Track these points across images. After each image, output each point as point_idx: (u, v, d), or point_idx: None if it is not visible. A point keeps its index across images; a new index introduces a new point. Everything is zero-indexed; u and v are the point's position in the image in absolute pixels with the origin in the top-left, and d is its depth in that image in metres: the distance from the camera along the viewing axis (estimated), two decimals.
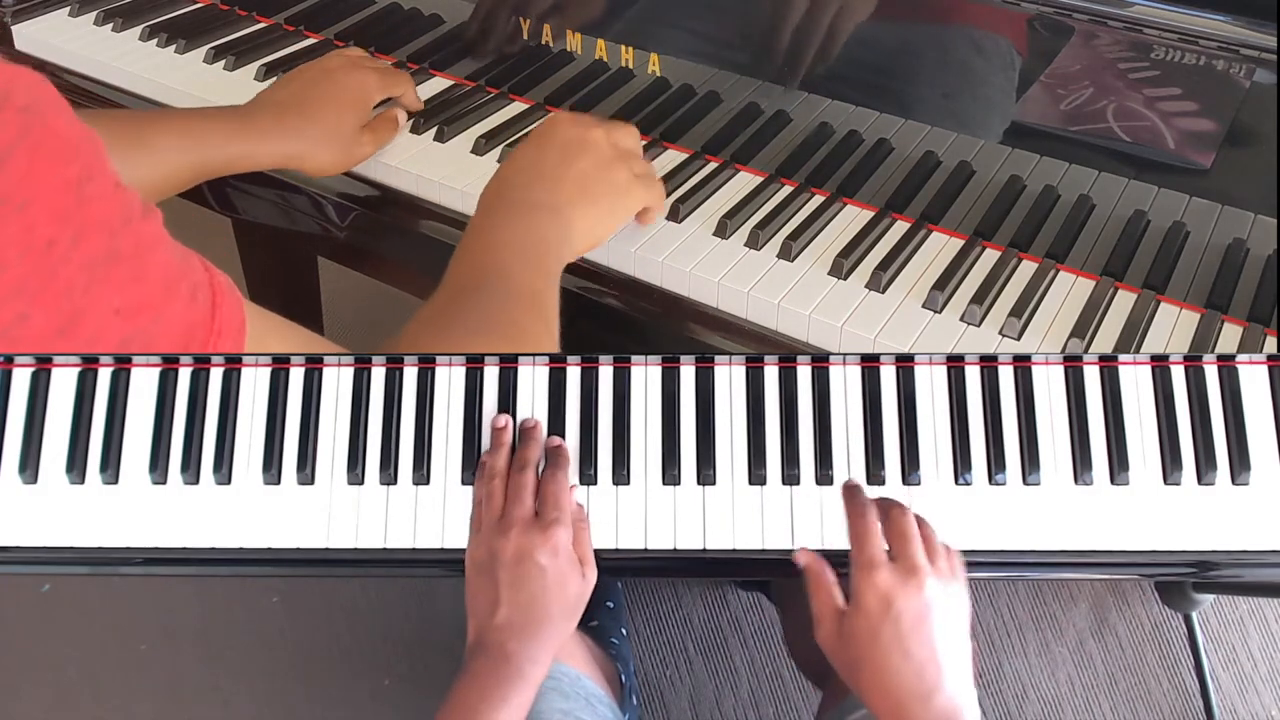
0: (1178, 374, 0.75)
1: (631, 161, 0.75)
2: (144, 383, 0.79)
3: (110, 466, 0.77)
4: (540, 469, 0.75)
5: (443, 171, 0.84)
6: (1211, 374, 0.75)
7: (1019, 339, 0.70)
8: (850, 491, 0.71)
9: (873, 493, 0.72)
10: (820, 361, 0.77)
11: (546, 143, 0.74)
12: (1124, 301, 0.72)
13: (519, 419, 0.77)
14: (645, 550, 0.74)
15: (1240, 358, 0.75)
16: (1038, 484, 0.74)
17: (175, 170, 0.77)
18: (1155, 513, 0.72)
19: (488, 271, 0.67)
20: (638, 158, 0.77)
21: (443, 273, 0.69)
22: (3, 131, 0.38)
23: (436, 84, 0.94)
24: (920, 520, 0.69)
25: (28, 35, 1.02)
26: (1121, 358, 0.76)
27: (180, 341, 0.46)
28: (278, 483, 0.77)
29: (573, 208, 0.71)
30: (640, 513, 0.75)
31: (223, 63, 0.97)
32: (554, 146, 0.73)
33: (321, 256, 1.28)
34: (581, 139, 0.73)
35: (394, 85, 0.86)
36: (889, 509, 0.68)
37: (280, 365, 0.79)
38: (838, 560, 0.69)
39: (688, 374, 0.78)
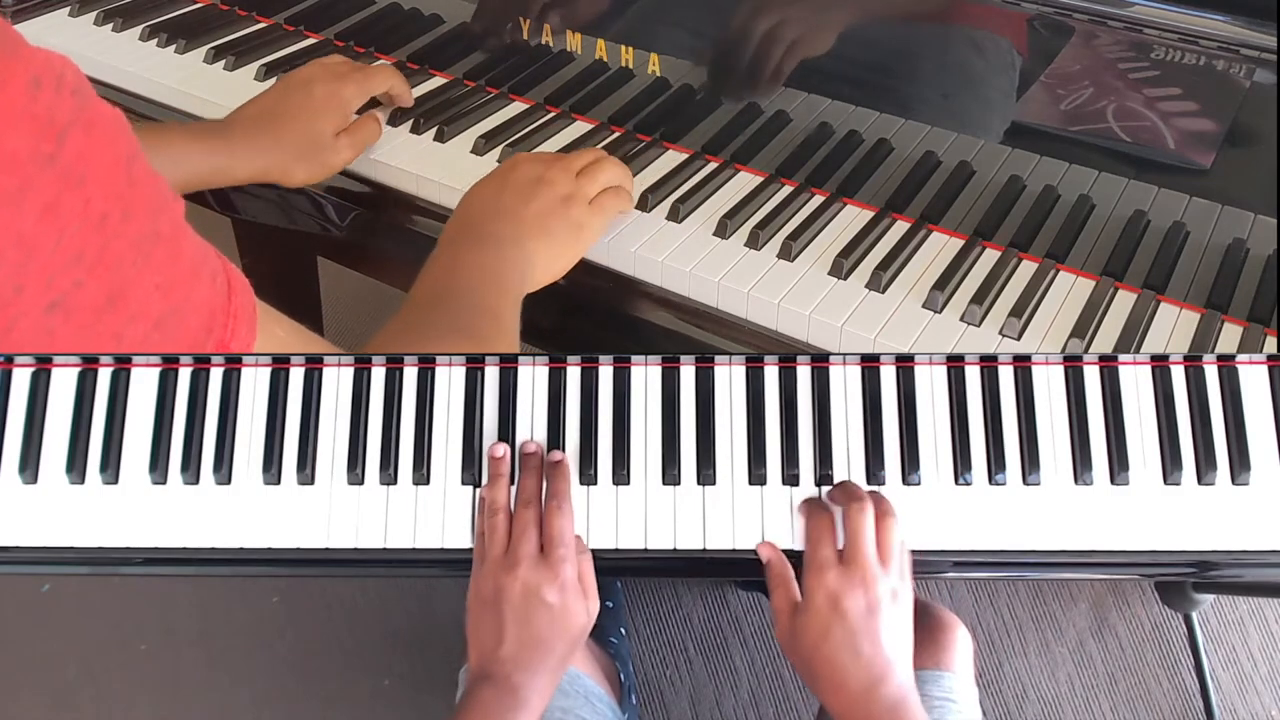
0: (1178, 374, 0.75)
1: (589, 185, 0.76)
2: (144, 383, 0.79)
3: (110, 466, 0.77)
4: (543, 496, 0.74)
5: (443, 171, 0.84)
6: (1211, 374, 0.75)
7: (1019, 339, 0.70)
8: (805, 501, 0.74)
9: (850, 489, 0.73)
10: (820, 361, 0.77)
11: (505, 182, 0.75)
12: (1124, 301, 0.72)
13: (518, 440, 0.77)
14: (645, 550, 0.74)
15: (1240, 358, 0.75)
16: (1038, 484, 0.74)
17: None
18: (1155, 513, 0.72)
19: (452, 289, 0.68)
20: (600, 174, 0.77)
21: None
22: (61, 111, 0.40)
23: (437, 84, 0.94)
24: (881, 514, 0.70)
25: (27, 35, 1.02)
26: (1121, 358, 0.76)
27: (204, 322, 0.48)
28: (278, 483, 0.77)
29: (533, 241, 0.72)
30: (640, 513, 0.75)
31: (223, 63, 0.97)
32: (512, 186, 0.75)
33: (321, 256, 1.28)
34: (539, 178, 0.75)
35: (375, 85, 0.86)
36: (848, 504, 0.70)
37: (280, 365, 0.79)
38: None
39: (688, 374, 0.78)
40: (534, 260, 0.72)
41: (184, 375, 0.79)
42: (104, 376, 0.79)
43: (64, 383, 0.79)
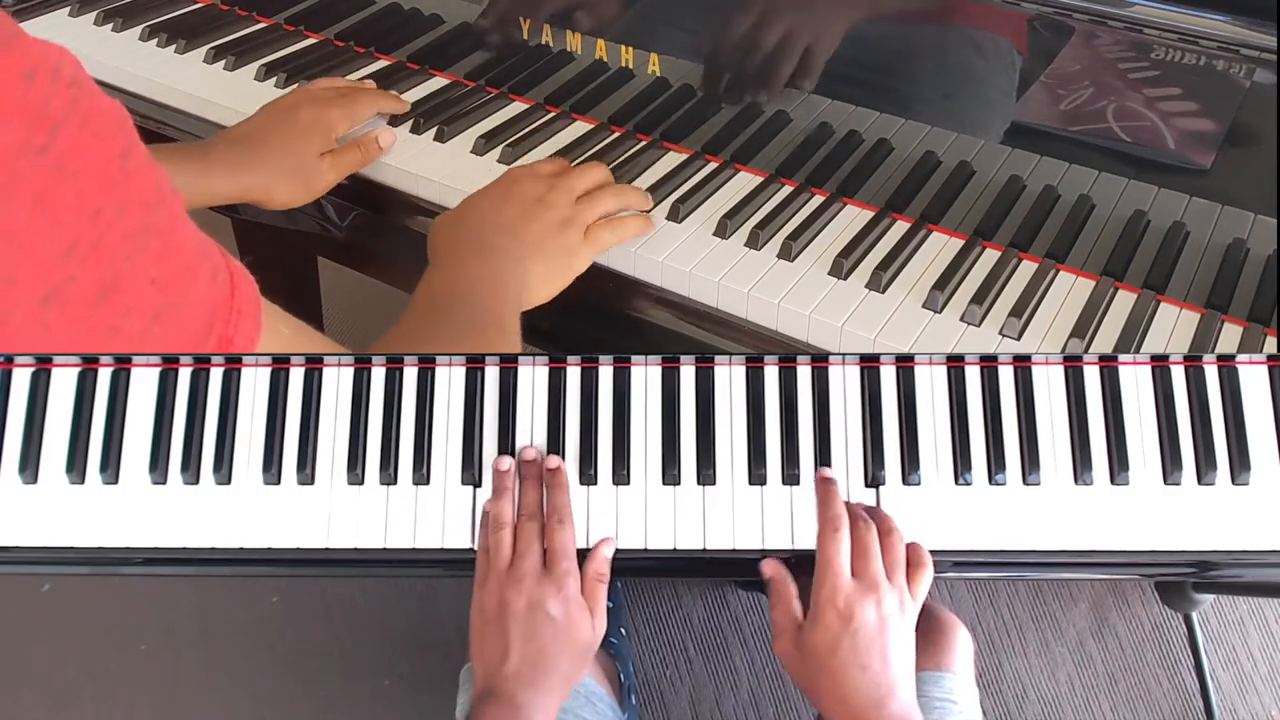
0: (1178, 374, 0.75)
1: (586, 212, 0.76)
2: (144, 383, 0.79)
3: (110, 466, 0.77)
4: (543, 506, 0.74)
5: (443, 171, 0.84)
6: (1211, 374, 0.75)
7: (1019, 339, 0.70)
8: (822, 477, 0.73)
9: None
10: (820, 361, 0.77)
11: (508, 197, 0.76)
12: (1124, 301, 0.72)
13: (518, 443, 0.77)
14: (645, 550, 0.74)
15: (1240, 358, 0.75)
16: (1038, 484, 0.74)
17: None
18: (1155, 513, 0.72)
19: (454, 298, 0.69)
20: (598, 204, 0.77)
21: None
22: (56, 103, 0.40)
23: (437, 84, 0.94)
24: (885, 531, 0.70)
25: None
26: (1121, 358, 0.76)
27: (205, 318, 0.48)
28: (278, 483, 0.77)
29: (531, 260, 0.73)
30: (640, 513, 0.75)
31: (223, 63, 0.97)
32: (514, 202, 0.75)
33: (321, 256, 1.28)
34: (540, 199, 0.75)
35: (361, 112, 0.86)
36: (855, 521, 0.70)
37: (280, 365, 0.79)
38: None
39: (688, 374, 0.78)
40: (530, 278, 0.73)
41: (184, 375, 0.79)
42: (104, 376, 0.79)
43: (64, 383, 0.79)
